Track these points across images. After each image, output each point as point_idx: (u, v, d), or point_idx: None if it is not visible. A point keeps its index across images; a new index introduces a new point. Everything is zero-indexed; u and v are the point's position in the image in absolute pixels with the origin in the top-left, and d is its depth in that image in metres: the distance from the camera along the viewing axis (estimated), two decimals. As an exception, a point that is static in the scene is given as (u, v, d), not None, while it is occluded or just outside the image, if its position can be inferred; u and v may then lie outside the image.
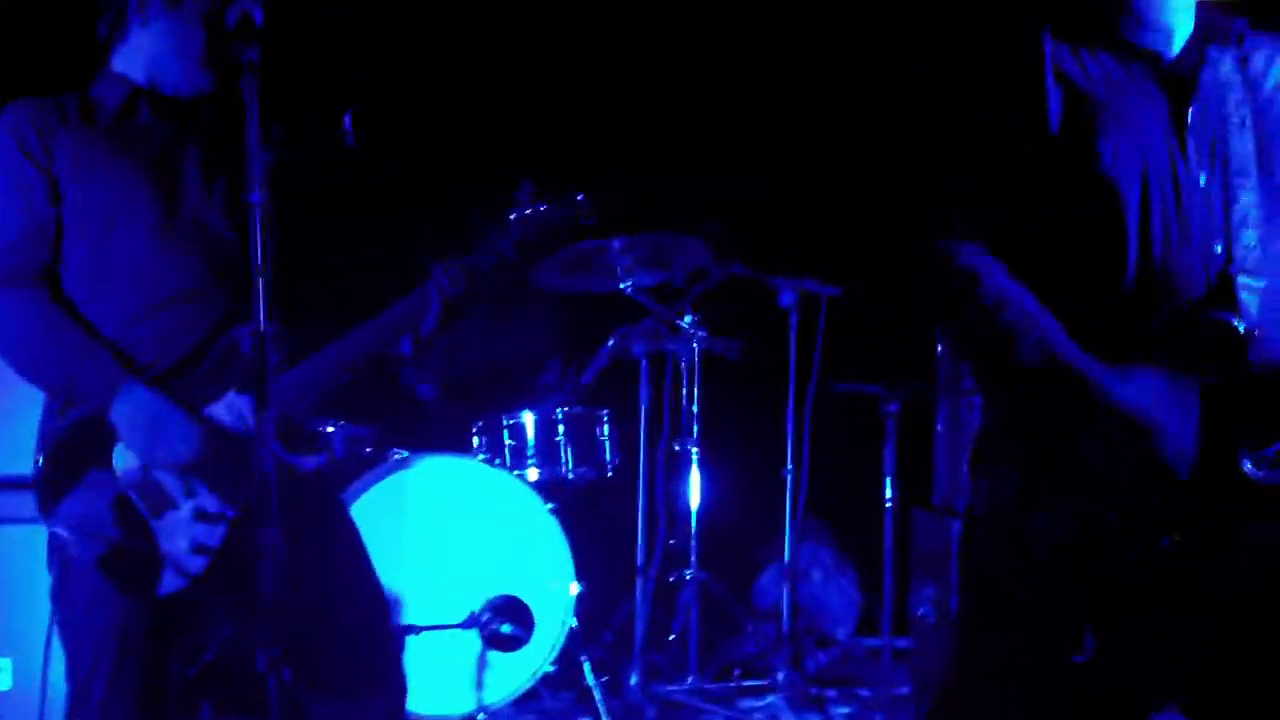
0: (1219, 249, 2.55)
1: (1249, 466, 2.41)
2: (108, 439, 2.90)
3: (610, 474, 5.86)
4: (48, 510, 2.88)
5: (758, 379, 5.95)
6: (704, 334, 5.76)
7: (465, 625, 5.10)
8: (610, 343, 5.88)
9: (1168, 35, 2.68)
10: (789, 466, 5.89)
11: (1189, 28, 2.68)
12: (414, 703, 4.90)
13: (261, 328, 2.71)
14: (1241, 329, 2.49)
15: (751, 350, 5.83)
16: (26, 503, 2.92)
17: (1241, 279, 2.52)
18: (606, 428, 5.86)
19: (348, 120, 4.62)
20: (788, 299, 5.80)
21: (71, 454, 2.89)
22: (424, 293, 3.27)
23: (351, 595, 3.19)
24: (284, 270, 2.76)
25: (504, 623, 5.08)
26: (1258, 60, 2.71)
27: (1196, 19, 2.68)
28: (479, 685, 5.22)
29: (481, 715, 5.21)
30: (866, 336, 5.91)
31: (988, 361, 2.63)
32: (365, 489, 5.22)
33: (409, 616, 5.12)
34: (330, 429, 5.58)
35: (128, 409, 2.90)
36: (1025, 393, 2.56)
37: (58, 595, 3.02)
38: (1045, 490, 2.52)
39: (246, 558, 2.75)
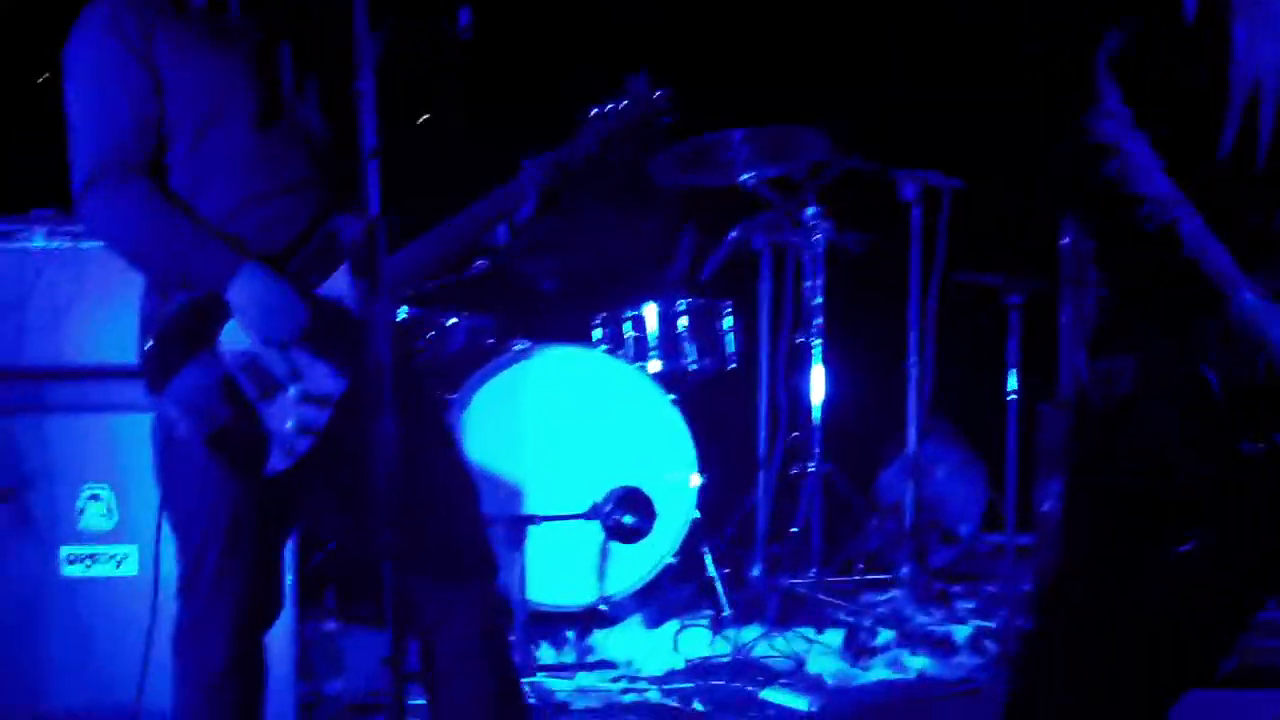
0: None
1: None
2: (216, 321, 2.94)
3: (732, 366, 5.85)
4: (158, 389, 2.93)
5: (880, 272, 5.88)
6: (827, 226, 5.70)
7: (587, 516, 5.15)
8: (732, 235, 5.84)
9: None
10: (913, 360, 5.84)
11: None
12: (535, 592, 4.99)
13: (372, 214, 2.75)
14: None
15: (874, 243, 5.77)
16: (142, 392, 2.97)
17: None
18: (729, 320, 5.85)
19: (465, 14, 4.61)
20: (910, 192, 5.72)
21: (181, 336, 2.93)
22: (517, 184, 3.36)
23: (442, 477, 3.24)
24: (387, 161, 2.78)
25: (626, 514, 5.12)
26: None
27: None
28: (600, 576, 5.28)
29: (603, 606, 5.27)
30: (990, 230, 5.82)
31: (1115, 236, 2.55)
32: (487, 379, 5.26)
33: (530, 507, 5.18)
34: (453, 320, 5.64)
35: (245, 288, 2.93)
36: (1148, 279, 2.50)
37: (162, 475, 3.07)
38: (1160, 381, 2.46)
39: (354, 444, 2.81)
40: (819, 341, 5.75)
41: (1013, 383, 5.38)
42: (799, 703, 4.42)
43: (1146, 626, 2.52)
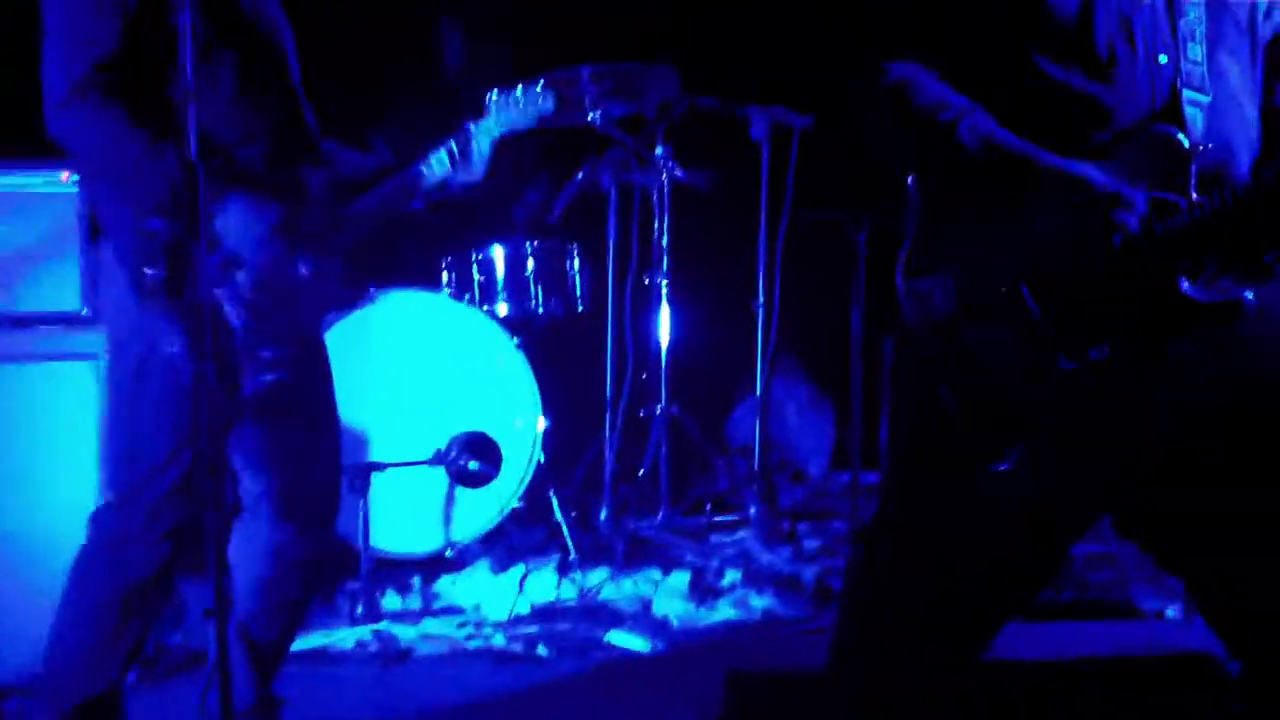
0: (1164, 59, 2.47)
1: (1186, 285, 2.35)
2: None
3: (580, 308, 5.80)
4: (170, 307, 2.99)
5: (729, 211, 5.86)
6: (674, 165, 5.67)
7: (432, 462, 5.08)
8: (579, 175, 5.78)
9: None
10: (760, 299, 5.83)
11: None
12: (382, 540, 4.93)
13: (190, 157, 2.84)
14: (1186, 143, 2.42)
15: (722, 182, 5.74)
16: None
17: (1187, 93, 2.45)
18: (576, 262, 5.79)
19: None
20: (759, 129, 5.69)
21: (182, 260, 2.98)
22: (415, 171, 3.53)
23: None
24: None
25: (471, 459, 5.06)
26: None
27: None
28: (447, 522, 5.23)
29: (450, 552, 5.21)
30: (838, 167, 5.81)
31: (927, 157, 2.55)
32: (330, 324, 5.16)
33: (375, 453, 5.10)
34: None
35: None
36: (964, 184, 2.49)
37: (134, 390, 3.15)
38: (976, 298, 2.46)
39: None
40: (666, 282, 5.72)
41: (856, 321, 5.38)
42: (641, 644, 4.42)
43: (964, 550, 2.53)
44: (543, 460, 5.36)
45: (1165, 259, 2.36)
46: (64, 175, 4.18)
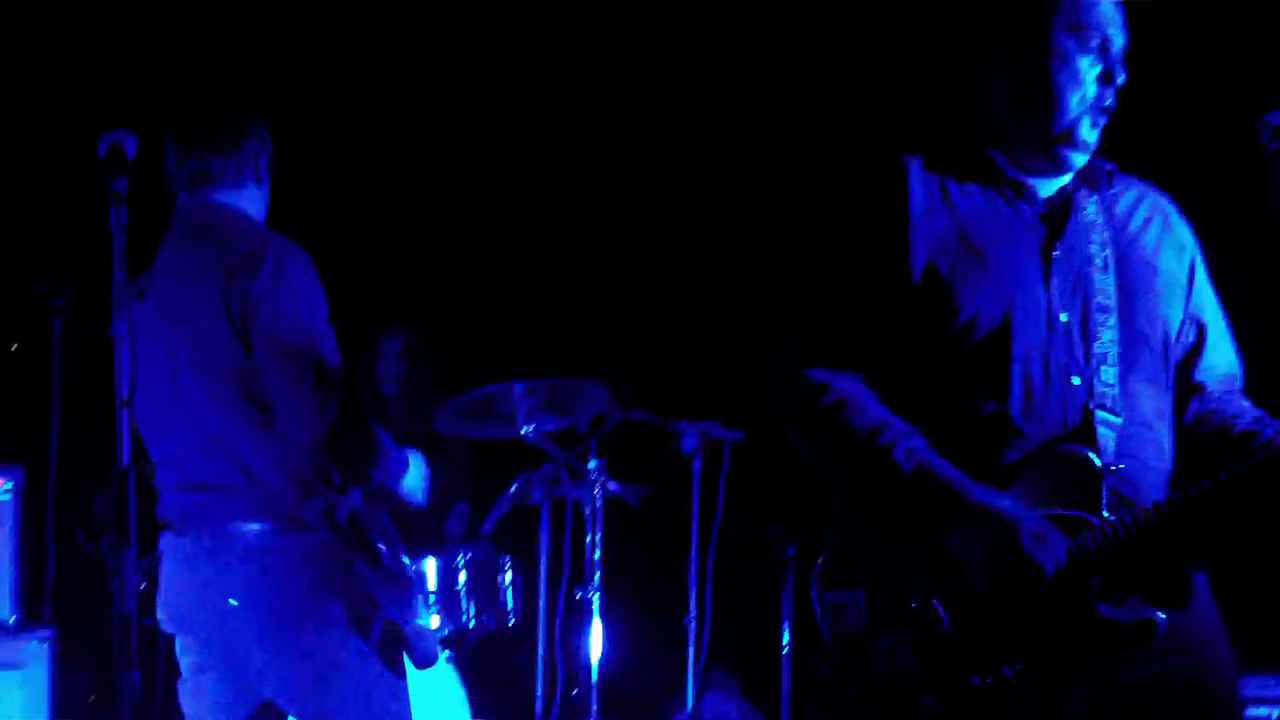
0: (1077, 381, 2.56)
1: (1102, 607, 2.41)
2: None
3: (512, 622, 5.76)
4: None
5: (661, 525, 5.91)
6: (607, 480, 5.72)
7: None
8: (512, 489, 5.81)
9: (1047, 174, 2.71)
10: (692, 614, 5.83)
11: (1070, 170, 2.71)
12: None
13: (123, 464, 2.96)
14: (1098, 464, 2.49)
15: (654, 496, 5.79)
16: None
17: (1100, 414, 2.53)
18: (509, 575, 5.77)
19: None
20: (690, 444, 5.78)
21: None
22: None
23: None
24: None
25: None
26: (1124, 202, 2.75)
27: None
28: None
29: None
30: (770, 481, 5.90)
31: (858, 477, 2.61)
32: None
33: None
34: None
35: None
36: (876, 510, 2.55)
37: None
38: (890, 610, 2.50)
39: None
40: (598, 596, 5.71)
41: (786, 635, 5.39)
42: None
43: None
44: (472, 777, 5.26)
45: (1080, 581, 2.41)
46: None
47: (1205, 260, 2.81)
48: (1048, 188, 2.71)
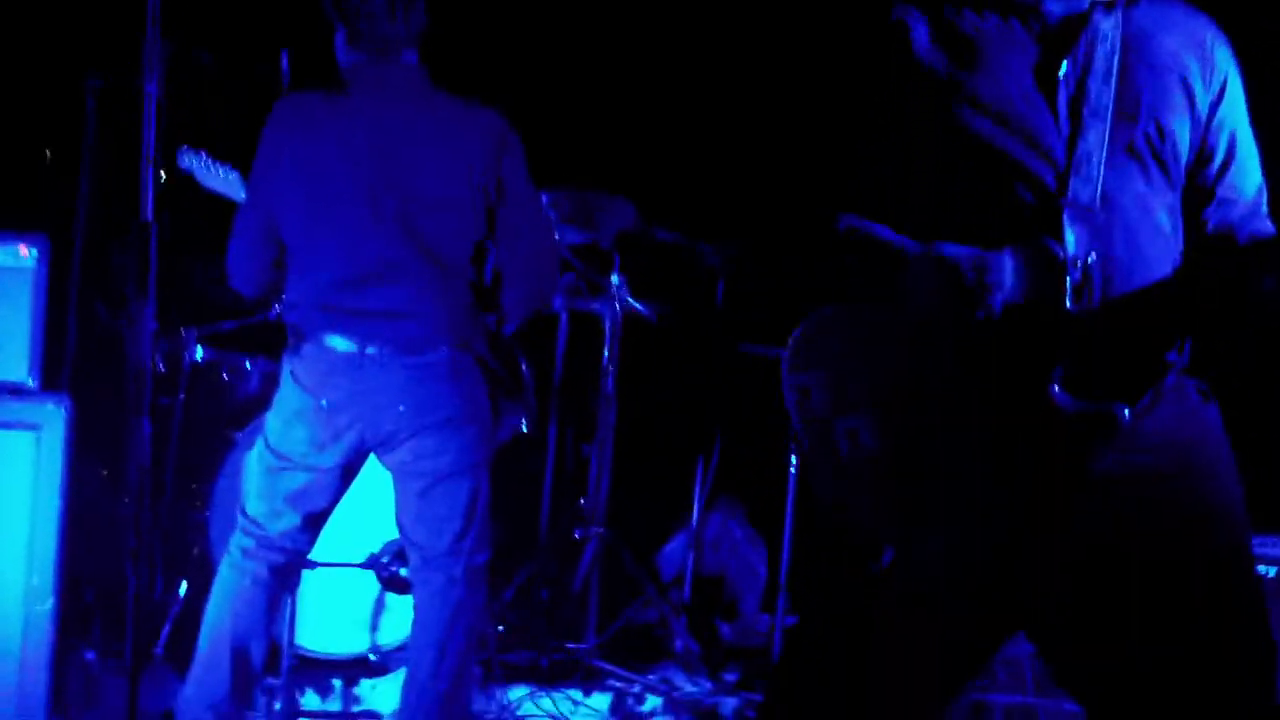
0: (1051, 177, 2.55)
1: (1056, 390, 2.42)
2: None
3: (524, 430, 5.82)
4: None
5: (679, 343, 5.95)
6: (627, 295, 5.75)
7: (364, 565, 5.09)
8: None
9: None
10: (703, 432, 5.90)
11: None
12: (307, 639, 4.92)
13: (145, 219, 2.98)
14: (1061, 256, 2.48)
15: (673, 315, 5.82)
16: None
17: (1070, 211, 2.51)
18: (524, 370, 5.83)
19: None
20: (714, 262, 5.79)
21: None
22: None
23: None
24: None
25: (403, 565, 5.07)
26: (1143, 16, 2.72)
27: None
28: (373, 626, 5.21)
29: (373, 655, 5.20)
30: (787, 301, 5.90)
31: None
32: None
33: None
34: (248, 364, 5.60)
35: None
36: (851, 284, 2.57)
37: None
38: (850, 391, 2.52)
39: None
40: (612, 409, 5.77)
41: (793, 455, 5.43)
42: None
43: (877, 649, 2.55)
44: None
45: (1038, 367, 2.42)
46: (22, 249, 4.24)
47: (1242, 82, 2.75)
48: (1063, 8, 2.68)
